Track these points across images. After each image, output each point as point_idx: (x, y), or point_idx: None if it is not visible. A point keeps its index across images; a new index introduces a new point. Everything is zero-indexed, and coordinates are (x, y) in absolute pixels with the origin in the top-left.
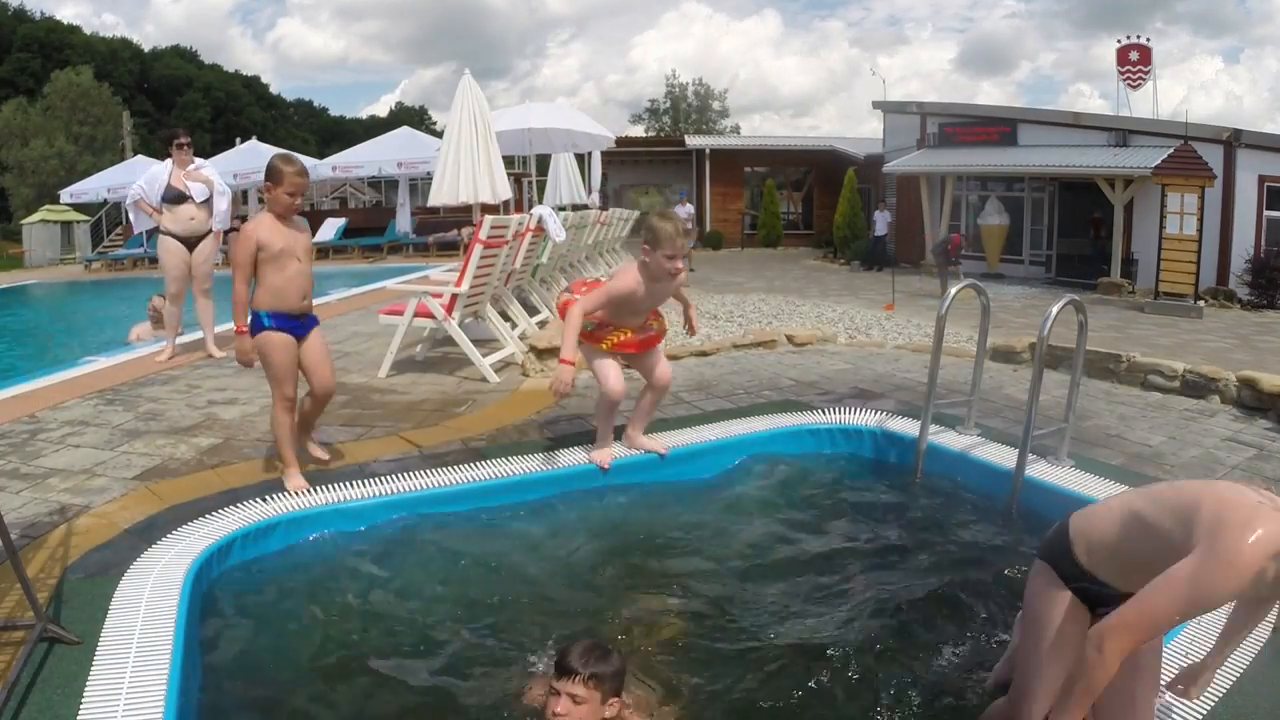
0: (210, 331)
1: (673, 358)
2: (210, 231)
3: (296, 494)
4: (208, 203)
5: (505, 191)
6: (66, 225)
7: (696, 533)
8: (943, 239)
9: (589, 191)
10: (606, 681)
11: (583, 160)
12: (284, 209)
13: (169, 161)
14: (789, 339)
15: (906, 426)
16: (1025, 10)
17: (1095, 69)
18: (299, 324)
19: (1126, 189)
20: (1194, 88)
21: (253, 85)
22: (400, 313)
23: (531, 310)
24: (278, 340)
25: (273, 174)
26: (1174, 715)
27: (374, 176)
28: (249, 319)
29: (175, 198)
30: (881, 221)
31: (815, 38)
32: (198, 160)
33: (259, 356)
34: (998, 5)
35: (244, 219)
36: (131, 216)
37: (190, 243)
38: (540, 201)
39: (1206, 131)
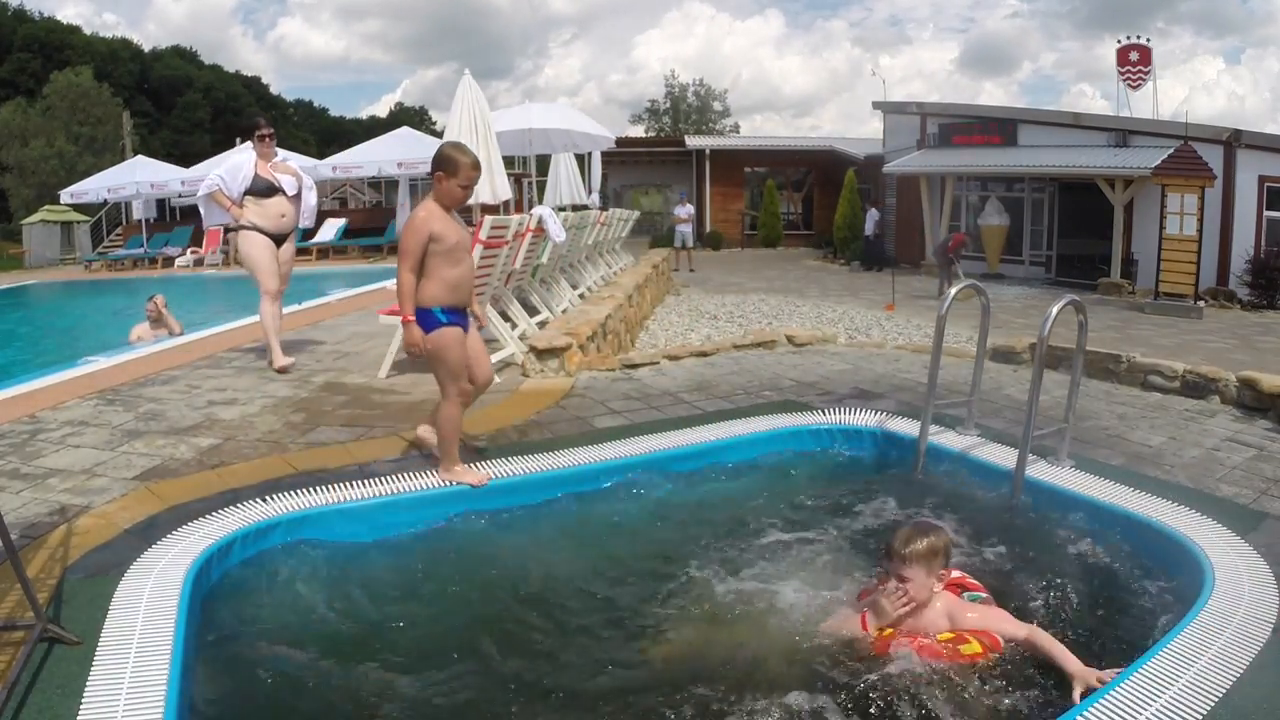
0: (277, 339)
1: (673, 358)
2: (293, 228)
3: (480, 485)
4: (296, 197)
5: (505, 192)
6: (66, 225)
7: (691, 533)
8: (943, 239)
9: (589, 192)
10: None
11: (583, 161)
12: (455, 202)
13: (249, 152)
14: (789, 339)
15: (907, 427)
16: (1027, 10)
17: (1097, 69)
18: (464, 318)
19: (1126, 189)
20: (1196, 88)
21: (253, 85)
22: None
23: (531, 310)
24: (454, 335)
25: (447, 164)
26: (1175, 715)
27: (374, 177)
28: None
29: (265, 190)
30: (870, 221)
31: (817, 38)
32: (281, 151)
33: (433, 353)
34: (999, 5)
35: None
36: (202, 210)
37: (277, 240)
38: (540, 202)
39: (1206, 132)
